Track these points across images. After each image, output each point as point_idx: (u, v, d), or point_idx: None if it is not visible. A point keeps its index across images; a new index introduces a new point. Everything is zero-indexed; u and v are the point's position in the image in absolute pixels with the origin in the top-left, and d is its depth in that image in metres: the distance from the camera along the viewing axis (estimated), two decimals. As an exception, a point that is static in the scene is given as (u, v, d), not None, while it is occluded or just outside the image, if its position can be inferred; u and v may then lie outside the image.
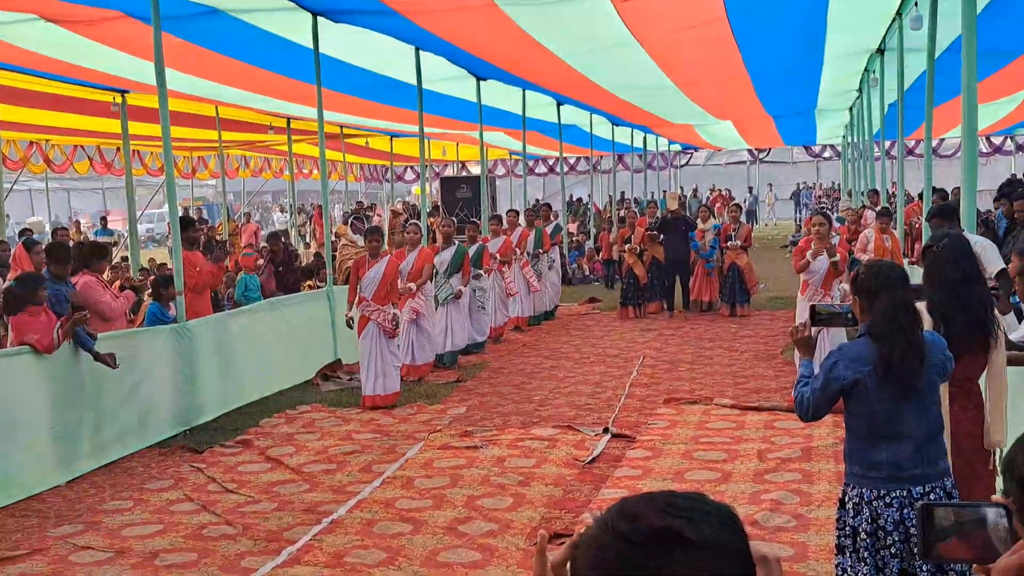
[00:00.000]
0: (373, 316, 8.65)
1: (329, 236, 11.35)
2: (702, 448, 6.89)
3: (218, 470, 6.82)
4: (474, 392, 9.23)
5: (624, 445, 7.08)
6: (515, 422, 7.87)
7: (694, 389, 8.97)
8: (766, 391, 8.73)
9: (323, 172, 11.24)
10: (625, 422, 7.75)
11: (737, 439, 7.09)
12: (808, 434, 7.11)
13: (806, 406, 3.51)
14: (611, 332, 12.84)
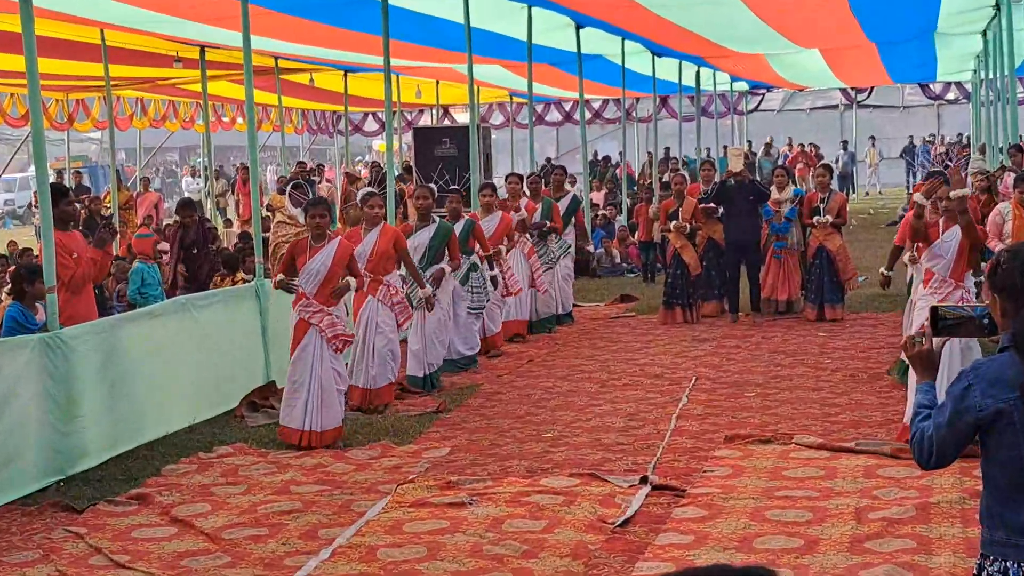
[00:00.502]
0: (315, 320, 8.65)
1: (259, 210, 11.35)
2: (778, 505, 6.89)
3: (104, 536, 6.81)
4: (461, 426, 9.25)
5: (669, 501, 7.09)
6: (518, 469, 7.88)
7: (766, 423, 8.98)
8: (867, 426, 8.73)
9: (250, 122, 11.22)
10: (671, 469, 7.76)
11: (826, 492, 7.09)
12: (925, 485, 7.11)
13: (927, 447, 3.51)
14: (651, 343, 12.85)
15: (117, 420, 8.48)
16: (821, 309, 13.67)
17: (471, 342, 11.55)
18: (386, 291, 9.69)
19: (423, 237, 10.65)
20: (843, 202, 13.86)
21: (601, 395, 10.24)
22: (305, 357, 8.69)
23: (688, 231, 13.88)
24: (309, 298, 8.71)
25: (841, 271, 13.62)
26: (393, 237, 9.77)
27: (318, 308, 8.69)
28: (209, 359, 9.69)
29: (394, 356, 9.80)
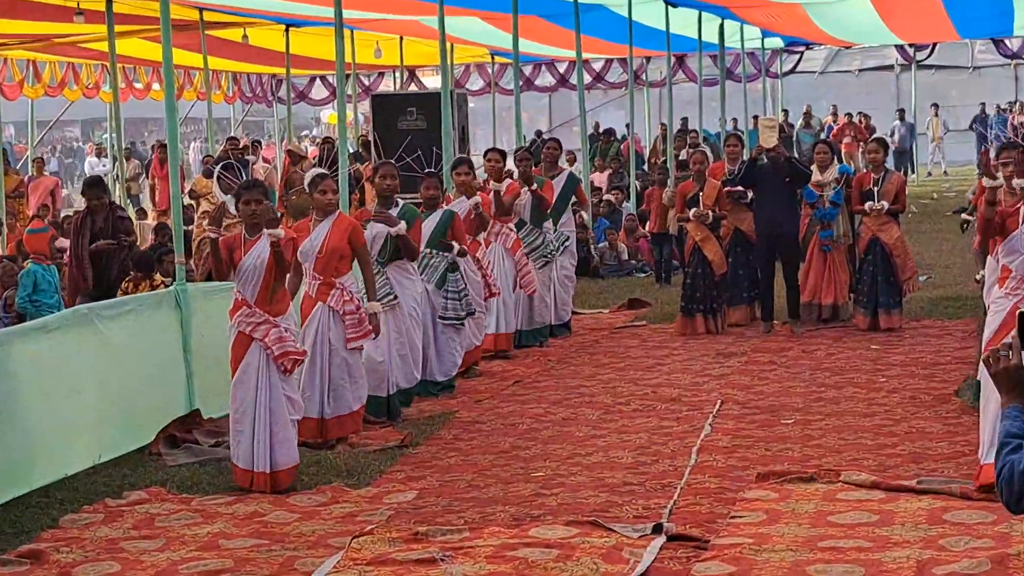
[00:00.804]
0: (258, 334, 8.60)
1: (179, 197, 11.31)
2: (822, 559, 6.87)
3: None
4: (431, 464, 9.23)
5: (689, 554, 7.07)
6: (502, 516, 7.87)
7: (808, 456, 8.97)
8: (931, 459, 8.73)
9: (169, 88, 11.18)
10: (691, 514, 7.75)
11: (882, 543, 7.08)
12: (1002, 533, 7.11)
13: (1019, 486, 3.51)
14: (666, 358, 12.87)
15: (2, 460, 8.43)
16: (875, 316, 13.72)
17: (449, 364, 11.51)
18: (339, 296, 9.65)
19: (381, 227, 10.61)
20: (901, 184, 13.90)
21: (605, 424, 10.22)
22: (247, 381, 8.61)
23: (711, 220, 13.91)
24: (251, 306, 8.64)
25: (899, 269, 13.65)
26: (349, 230, 9.73)
27: (262, 318, 8.63)
28: (118, 383, 9.63)
29: (353, 379, 9.74)
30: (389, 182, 10.81)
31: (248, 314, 8.66)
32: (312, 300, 9.68)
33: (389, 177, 10.85)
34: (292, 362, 8.71)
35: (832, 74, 41.32)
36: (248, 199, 8.79)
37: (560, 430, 10.08)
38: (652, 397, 11.11)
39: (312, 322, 9.65)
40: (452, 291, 11.50)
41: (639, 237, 20.14)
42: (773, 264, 14.06)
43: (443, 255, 11.47)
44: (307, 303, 9.72)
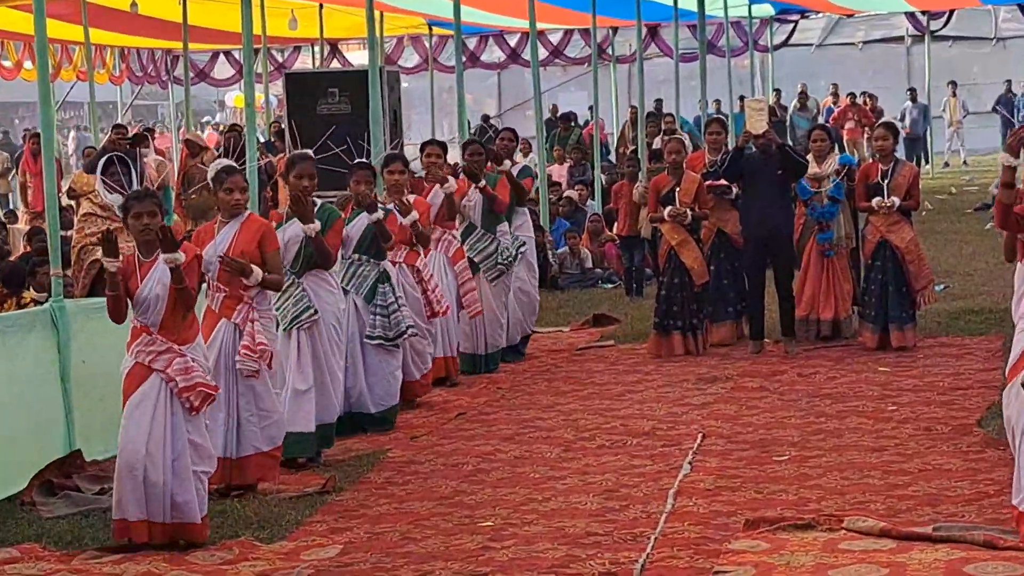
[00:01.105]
0: (159, 365, 8.50)
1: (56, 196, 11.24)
2: (823, 620, 6.90)
3: None
4: (358, 513, 9.21)
5: (665, 617, 7.07)
6: (443, 574, 7.85)
7: (805, 500, 8.99)
8: (950, 502, 8.76)
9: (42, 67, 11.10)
10: (668, 569, 7.76)
11: (893, 600, 7.11)
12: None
13: None
14: (638, 385, 12.91)
15: None
16: (884, 333, 13.80)
17: (382, 393, 11.47)
18: (247, 313, 9.59)
19: (296, 229, 10.51)
20: (914, 176, 13.97)
21: (565, 463, 10.21)
22: (141, 417, 8.47)
23: (689, 221, 13.95)
24: (152, 333, 8.55)
25: (912, 277, 13.73)
26: (260, 233, 9.66)
27: (164, 346, 8.53)
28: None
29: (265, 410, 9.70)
30: (307, 183, 10.50)
31: (148, 342, 8.53)
32: (215, 316, 9.59)
33: (307, 177, 10.52)
34: (201, 397, 8.58)
35: (832, 47, 41.57)
36: (139, 212, 8.57)
37: (512, 471, 10.05)
38: (621, 431, 11.10)
39: (214, 342, 9.53)
40: (381, 306, 11.47)
41: (605, 241, 20.19)
42: (763, 272, 14.11)
43: (374, 263, 11.43)
44: (209, 319, 9.64)
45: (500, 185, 13.75)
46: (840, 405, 11.67)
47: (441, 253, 13.09)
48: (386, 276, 11.56)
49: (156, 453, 8.49)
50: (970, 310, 15.63)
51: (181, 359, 8.51)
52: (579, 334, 15.92)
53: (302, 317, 10.40)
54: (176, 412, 8.53)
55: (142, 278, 8.55)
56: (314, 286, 10.58)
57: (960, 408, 11.31)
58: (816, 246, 14.10)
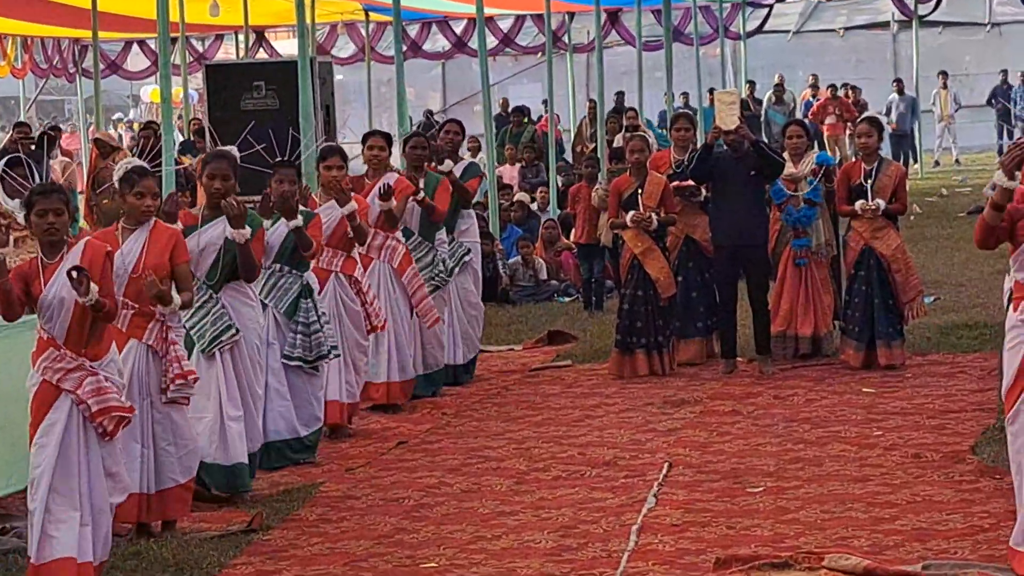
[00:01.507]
0: (68, 384, 8.43)
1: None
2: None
3: None
4: (288, 553, 9.20)
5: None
6: (381, 621, 7.84)
7: (781, 535, 9.00)
8: (941, 536, 8.78)
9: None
10: (629, 615, 7.75)
11: (879, 647, 7.13)
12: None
13: None
14: (598, 409, 12.92)
15: None
16: (869, 350, 13.83)
17: (309, 418, 11.43)
18: (159, 332, 9.54)
19: (213, 234, 10.45)
20: (901, 177, 14.02)
21: (517, 497, 10.20)
22: (52, 447, 8.39)
23: (654, 227, 13.95)
24: (59, 347, 8.47)
25: (899, 288, 13.77)
26: (171, 243, 9.57)
27: (74, 363, 8.47)
28: None
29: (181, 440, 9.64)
30: (219, 184, 10.42)
31: (56, 358, 8.44)
32: (123, 336, 9.51)
33: (219, 177, 10.44)
34: (116, 422, 8.50)
35: (810, 34, 41.74)
36: (44, 208, 8.50)
37: (459, 506, 10.04)
38: (579, 460, 11.10)
39: (124, 364, 9.46)
40: (302, 323, 11.36)
41: (561, 250, 20.20)
42: (736, 284, 14.14)
43: (296, 274, 11.37)
44: (115, 339, 9.54)
45: (441, 189, 13.65)
46: (820, 430, 11.68)
47: (385, 262, 13.01)
48: (309, 290, 11.43)
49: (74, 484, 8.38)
50: (963, 324, 15.67)
51: (93, 378, 8.41)
52: (533, 353, 15.93)
53: (223, 338, 10.29)
54: (90, 438, 8.45)
55: (46, 282, 8.43)
56: (233, 301, 10.48)
57: (952, 433, 11.35)
58: (791, 254, 14.10)
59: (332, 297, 12.04)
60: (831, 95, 35.31)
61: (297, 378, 11.41)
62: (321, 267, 11.97)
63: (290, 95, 16.30)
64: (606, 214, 15.73)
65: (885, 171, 13.80)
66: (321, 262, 11.99)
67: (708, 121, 21.29)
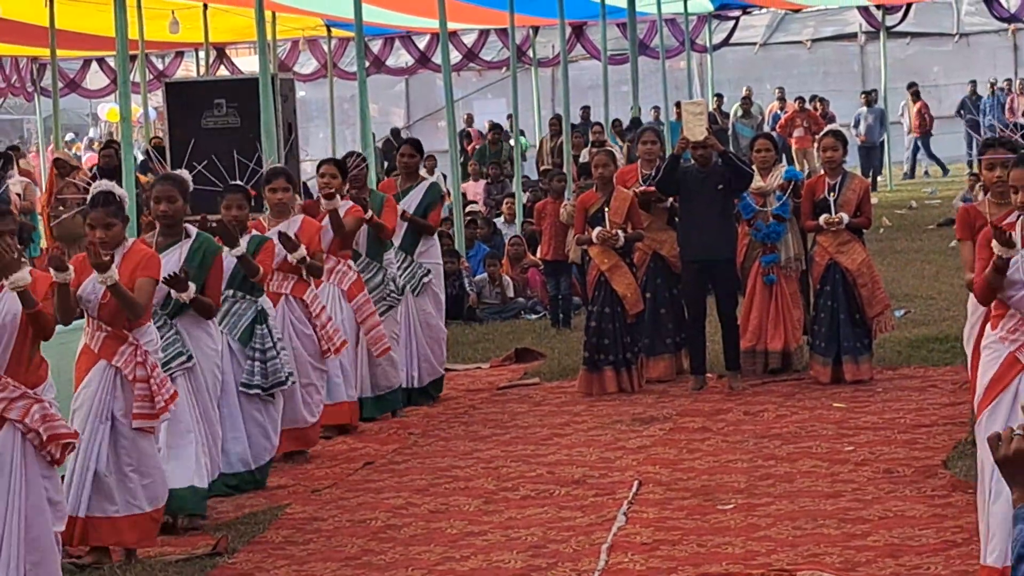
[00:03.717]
0: (12, 414, 8.36)
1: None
2: None
3: None
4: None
5: None
6: (348, 645, 7.83)
7: (752, 553, 9.03)
8: (913, 552, 8.83)
9: None
10: (600, 635, 7.76)
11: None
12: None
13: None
14: (566, 427, 12.94)
15: None
16: (837, 365, 13.87)
17: (258, 449, 11.32)
18: (131, 356, 9.50)
19: (168, 263, 10.29)
20: (865, 190, 14.11)
21: (486, 517, 10.21)
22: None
23: (622, 243, 13.97)
24: (1, 376, 8.32)
25: (866, 303, 13.82)
26: (139, 264, 9.53)
27: (17, 392, 8.33)
28: None
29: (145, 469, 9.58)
30: (164, 207, 10.29)
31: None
32: (93, 357, 9.47)
33: (166, 200, 10.31)
34: (62, 449, 8.41)
35: (777, 46, 41.85)
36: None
37: (426, 527, 10.05)
38: (548, 479, 11.12)
39: (89, 385, 9.42)
40: (258, 350, 11.28)
41: (528, 267, 20.21)
42: (704, 300, 14.17)
43: (250, 300, 11.31)
44: (85, 359, 9.50)
45: (387, 207, 13.64)
46: (791, 446, 11.72)
47: (334, 285, 12.94)
48: (264, 316, 11.35)
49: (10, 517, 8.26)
50: (933, 338, 15.72)
51: (39, 405, 8.28)
52: (500, 371, 15.94)
53: (172, 364, 10.15)
54: (30, 467, 8.30)
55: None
56: (191, 328, 10.40)
57: (924, 447, 11.40)
58: (760, 270, 14.13)
59: (283, 320, 12.00)
60: (799, 108, 35.39)
61: (253, 407, 11.31)
62: (272, 290, 11.93)
63: (252, 112, 16.28)
64: (573, 230, 15.73)
65: (849, 185, 13.86)
66: (272, 285, 11.95)
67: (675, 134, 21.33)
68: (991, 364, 8.03)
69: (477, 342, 17.69)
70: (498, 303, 19.72)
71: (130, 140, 13.21)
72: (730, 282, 14.07)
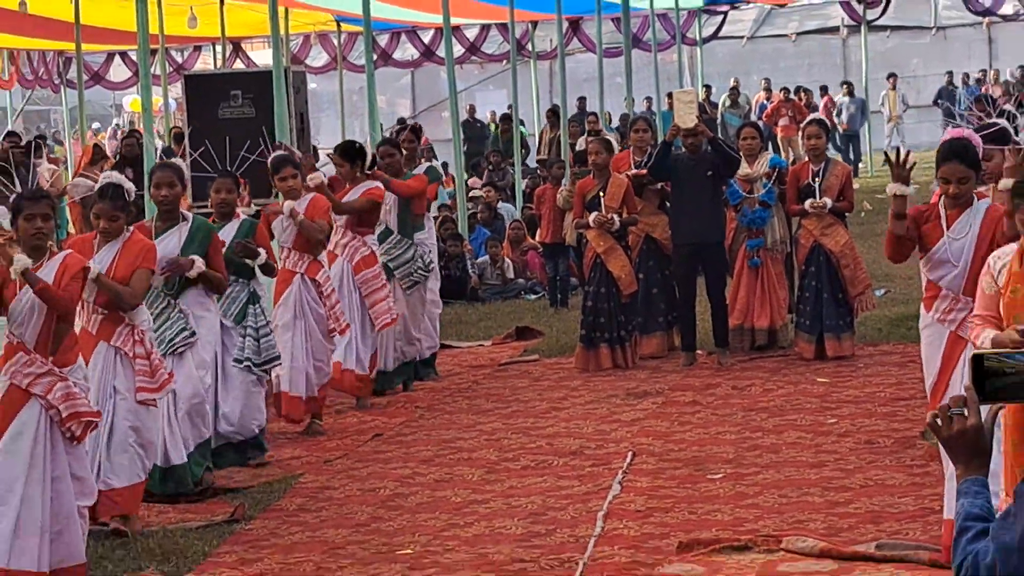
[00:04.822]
0: (38, 389, 8.35)
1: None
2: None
3: None
4: (269, 542, 9.20)
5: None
6: (359, 607, 7.84)
7: (741, 519, 9.04)
8: (893, 518, 8.85)
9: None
10: (596, 597, 7.76)
11: (834, 624, 7.17)
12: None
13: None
14: (564, 401, 12.94)
15: None
16: (821, 342, 13.89)
17: (253, 415, 11.30)
18: (128, 335, 9.48)
19: (168, 246, 10.34)
20: (847, 176, 14.13)
21: (488, 486, 10.23)
22: (19, 450, 8.24)
23: (617, 227, 13.97)
24: (30, 352, 8.33)
25: (848, 283, 13.84)
26: (138, 255, 9.51)
27: (44, 369, 8.34)
28: None
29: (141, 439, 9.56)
30: (165, 192, 10.39)
31: (26, 363, 8.28)
32: (92, 339, 9.46)
33: (166, 186, 10.40)
34: (84, 426, 8.39)
35: (764, 39, 41.78)
36: (32, 213, 8.39)
37: (432, 495, 10.06)
38: (547, 450, 11.14)
39: (94, 367, 9.33)
40: (252, 328, 11.24)
41: (527, 249, 20.20)
42: (695, 280, 14.17)
43: (242, 282, 11.28)
44: (84, 342, 9.43)
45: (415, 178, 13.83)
46: (777, 419, 11.73)
47: (346, 261, 13.00)
48: (256, 297, 11.37)
49: (35, 495, 8.24)
50: (912, 315, 15.54)
51: (62, 383, 8.27)
52: (501, 348, 15.93)
53: (176, 340, 10.27)
54: (56, 444, 8.29)
55: (20, 286, 8.27)
56: (192, 306, 10.50)
57: (903, 420, 11.40)
58: (746, 253, 14.15)
59: (296, 298, 12.04)
60: (784, 98, 35.36)
61: (246, 380, 11.26)
62: (287, 268, 12.02)
63: (266, 103, 16.26)
64: (571, 214, 15.73)
65: (832, 171, 13.90)
66: (287, 263, 12.02)
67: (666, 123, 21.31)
68: (935, 347, 8.02)
69: (479, 321, 17.68)
70: (499, 284, 19.72)
71: (151, 129, 13.20)
72: (719, 264, 14.07)
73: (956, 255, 8.12)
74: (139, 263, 9.47)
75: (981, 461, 3.65)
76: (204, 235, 10.49)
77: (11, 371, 8.30)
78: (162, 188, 10.43)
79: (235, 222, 11.33)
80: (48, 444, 8.30)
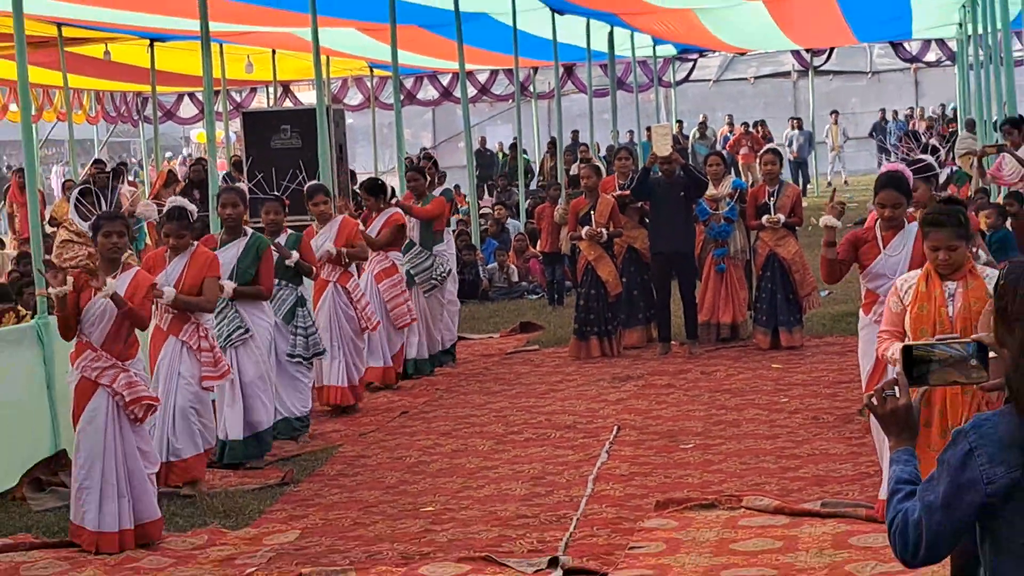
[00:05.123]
0: (104, 380, 8.36)
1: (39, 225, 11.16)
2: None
3: None
4: (313, 502, 9.22)
5: (586, 588, 7.09)
6: (390, 555, 7.87)
7: (708, 482, 9.08)
8: (836, 482, 8.88)
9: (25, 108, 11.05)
10: (588, 546, 7.80)
11: (786, 570, 7.19)
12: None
13: (913, 538, 3.42)
14: (560, 384, 12.97)
15: None
16: (775, 334, 13.92)
17: (301, 399, 11.29)
18: (194, 331, 9.50)
19: (228, 255, 10.42)
20: (797, 196, 14.16)
21: (497, 454, 10.27)
22: (93, 433, 8.30)
23: (605, 239, 13.99)
24: (96, 350, 8.35)
25: (798, 285, 13.87)
26: (203, 266, 9.56)
27: (109, 363, 8.34)
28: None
29: (202, 417, 9.60)
30: (229, 211, 10.56)
31: (93, 359, 8.32)
32: (163, 334, 9.51)
33: (230, 205, 10.59)
34: (144, 409, 8.40)
35: (727, 82, 41.78)
36: (109, 230, 8.39)
37: (450, 462, 10.11)
38: (546, 425, 11.18)
39: (163, 358, 9.48)
40: (300, 327, 11.24)
41: (529, 257, 20.22)
42: (669, 283, 14.20)
43: (291, 287, 11.28)
44: (157, 337, 9.52)
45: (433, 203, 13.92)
46: (738, 399, 11.78)
47: (369, 273, 13.08)
48: (303, 300, 11.39)
49: (111, 468, 8.31)
50: (850, 313, 15.61)
51: (125, 374, 8.31)
52: (507, 340, 15.95)
53: (233, 335, 10.32)
54: (124, 424, 8.36)
55: (94, 294, 8.32)
56: (248, 308, 10.48)
57: (843, 399, 11.44)
58: (713, 260, 14.24)
59: (331, 303, 12.09)
60: (744, 131, 35.43)
61: (296, 371, 11.27)
62: (323, 277, 12.07)
63: (310, 136, 16.30)
64: (566, 228, 15.74)
65: (784, 192, 13.97)
66: (323, 273, 12.05)
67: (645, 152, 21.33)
68: (871, 343, 7.98)
69: (489, 317, 17.70)
70: (506, 286, 19.74)
71: (215, 157, 13.21)
72: (690, 269, 14.11)
73: (892, 269, 8.21)
74: (206, 272, 9.55)
75: (910, 434, 3.64)
76: (258, 249, 10.53)
77: (82, 365, 8.38)
78: (227, 208, 10.59)
79: (282, 237, 11.35)
80: (117, 425, 8.37)
